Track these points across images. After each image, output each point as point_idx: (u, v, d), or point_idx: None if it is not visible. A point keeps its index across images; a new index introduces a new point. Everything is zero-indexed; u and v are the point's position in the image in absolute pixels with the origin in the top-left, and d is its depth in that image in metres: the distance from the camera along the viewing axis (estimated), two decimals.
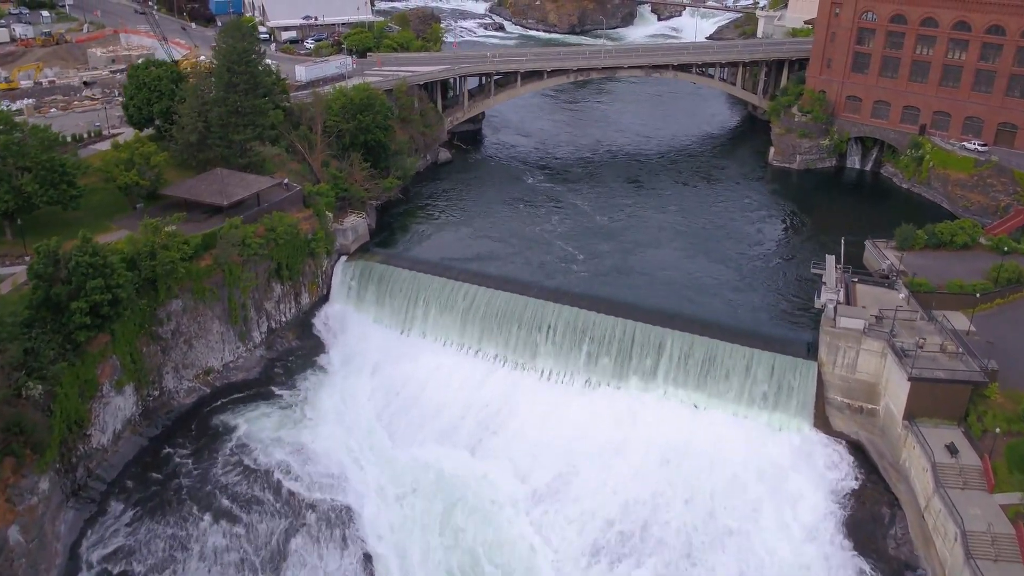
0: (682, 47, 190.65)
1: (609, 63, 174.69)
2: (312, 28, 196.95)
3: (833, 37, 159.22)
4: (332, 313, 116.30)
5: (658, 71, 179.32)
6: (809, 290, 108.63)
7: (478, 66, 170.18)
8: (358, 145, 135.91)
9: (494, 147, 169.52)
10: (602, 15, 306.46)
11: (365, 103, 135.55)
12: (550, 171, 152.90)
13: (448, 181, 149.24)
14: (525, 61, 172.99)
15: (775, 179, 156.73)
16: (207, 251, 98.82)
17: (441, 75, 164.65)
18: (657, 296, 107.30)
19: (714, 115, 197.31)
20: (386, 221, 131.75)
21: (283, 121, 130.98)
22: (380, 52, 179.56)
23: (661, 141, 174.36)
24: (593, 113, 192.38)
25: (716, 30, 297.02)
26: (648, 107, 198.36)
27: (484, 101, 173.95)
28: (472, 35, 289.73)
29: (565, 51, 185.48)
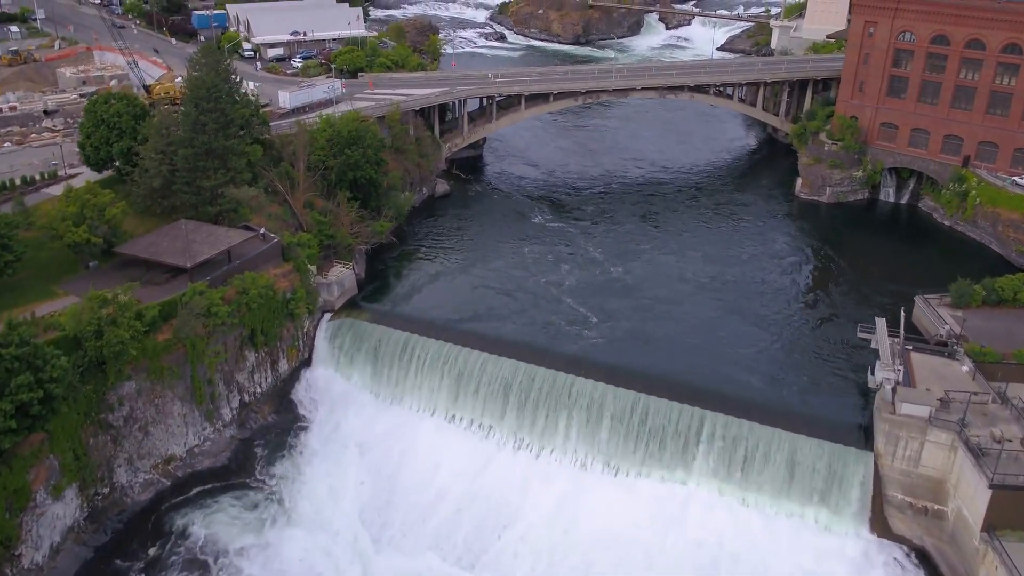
0: (698, 66, 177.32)
1: (620, 84, 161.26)
2: (301, 44, 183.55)
3: (866, 59, 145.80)
4: (314, 379, 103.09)
5: (673, 92, 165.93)
6: (857, 358, 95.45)
7: (479, 88, 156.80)
8: (346, 183, 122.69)
9: (496, 176, 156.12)
10: (607, 25, 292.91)
11: (354, 136, 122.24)
12: (557, 207, 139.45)
13: (446, 218, 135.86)
14: (529, 82, 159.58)
15: (803, 214, 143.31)
16: (167, 322, 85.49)
17: (439, 99, 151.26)
18: (683, 366, 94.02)
19: (731, 137, 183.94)
20: (377, 268, 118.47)
21: (262, 156, 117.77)
22: (373, 72, 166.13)
23: (677, 170, 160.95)
24: (602, 136, 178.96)
25: (727, 40, 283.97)
26: (660, 129, 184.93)
27: (485, 126, 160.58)
28: (472, 45, 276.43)
29: (572, 71, 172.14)
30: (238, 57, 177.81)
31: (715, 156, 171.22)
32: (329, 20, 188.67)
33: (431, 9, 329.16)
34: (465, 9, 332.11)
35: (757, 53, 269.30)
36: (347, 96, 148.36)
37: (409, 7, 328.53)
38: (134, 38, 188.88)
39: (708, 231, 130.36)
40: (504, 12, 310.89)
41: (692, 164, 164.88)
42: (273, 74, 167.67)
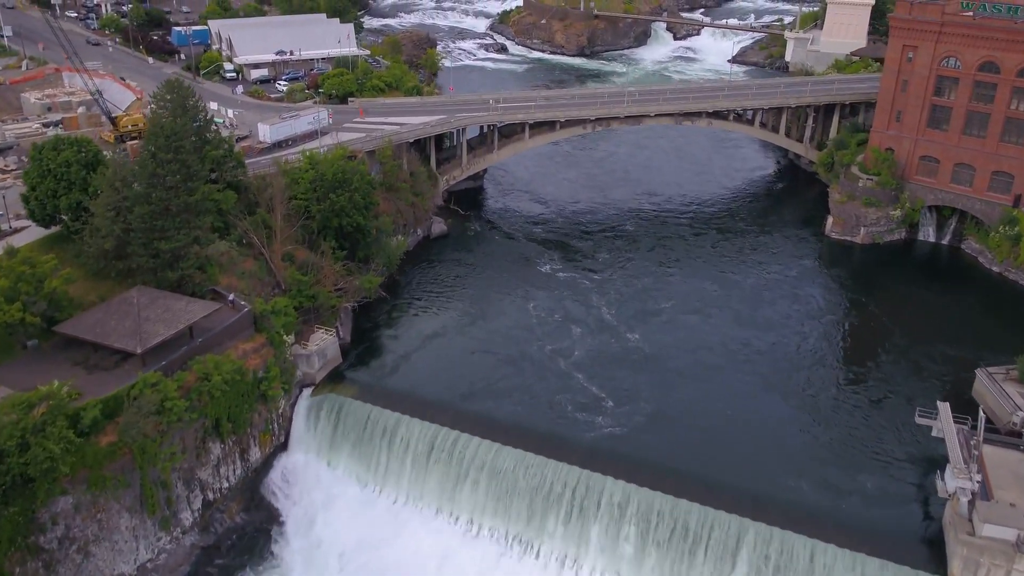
0: (716, 89, 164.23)
1: (633, 111, 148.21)
2: (287, 64, 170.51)
3: (905, 86, 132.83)
4: (291, 467, 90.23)
5: (689, 119, 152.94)
6: (918, 449, 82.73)
7: (479, 116, 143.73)
8: (331, 230, 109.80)
9: (498, 213, 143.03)
10: (613, 36, 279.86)
11: (340, 179, 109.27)
12: (565, 251, 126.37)
13: (443, 265, 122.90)
14: (534, 109, 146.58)
15: (836, 258, 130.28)
16: (112, 420, 72.55)
17: (435, 129, 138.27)
18: (716, 461, 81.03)
19: (751, 166, 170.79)
20: (365, 328, 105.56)
21: (237, 201, 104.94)
22: (364, 97, 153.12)
23: (695, 206, 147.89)
24: (612, 165, 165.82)
25: (739, 52, 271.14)
26: (675, 156, 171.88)
27: (486, 156, 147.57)
28: (472, 58, 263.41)
29: (580, 95, 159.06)
30: (219, 79, 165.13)
31: (735, 188, 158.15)
32: (318, 37, 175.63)
33: (429, 18, 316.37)
34: (464, 18, 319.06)
35: (771, 66, 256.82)
36: (335, 126, 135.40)
37: (406, 16, 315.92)
38: (108, 57, 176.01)
39: (734, 283, 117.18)
40: (505, 21, 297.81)
41: (711, 198, 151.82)
42: (256, 99, 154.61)
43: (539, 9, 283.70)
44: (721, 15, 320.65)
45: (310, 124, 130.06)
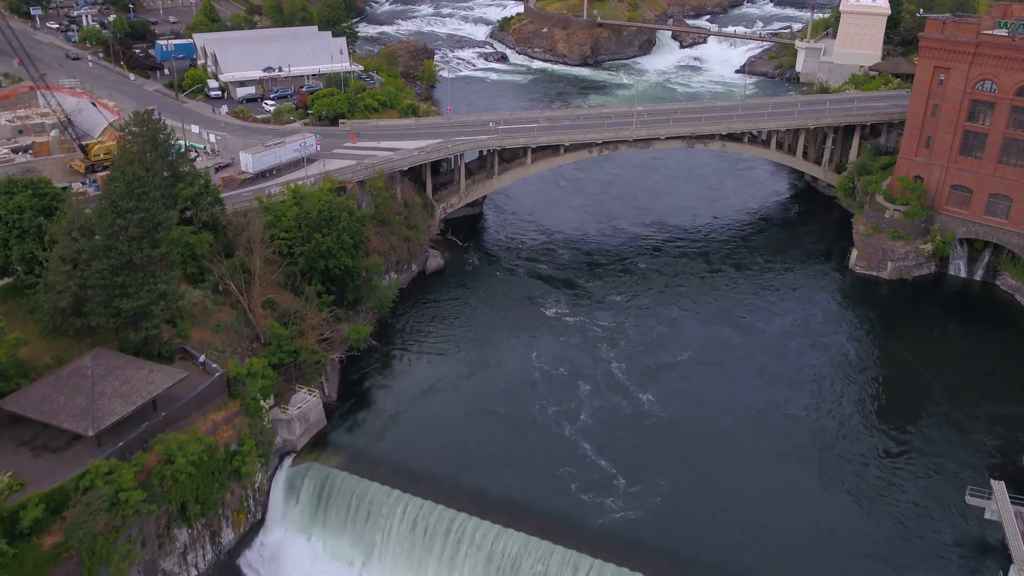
0: (729, 108, 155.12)
1: (641, 134, 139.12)
2: (275, 82, 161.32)
3: (935, 110, 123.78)
4: (269, 546, 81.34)
5: (702, 141, 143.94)
6: (969, 535, 73.68)
7: (478, 140, 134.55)
8: (317, 273, 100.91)
9: (498, 244, 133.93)
10: (617, 44, 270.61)
11: (326, 217, 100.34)
12: (571, 290, 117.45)
13: (438, 306, 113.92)
14: (536, 132, 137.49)
15: (861, 295, 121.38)
16: (58, 514, 63.53)
17: (431, 155, 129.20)
18: (744, 555, 72.00)
19: (766, 190, 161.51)
20: (352, 382, 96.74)
21: (214, 242, 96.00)
22: (355, 119, 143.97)
23: (708, 235, 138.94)
24: (620, 189, 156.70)
25: (747, 61, 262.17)
26: (685, 179, 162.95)
27: (486, 182, 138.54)
28: (471, 68, 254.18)
29: (586, 116, 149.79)
30: (203, 97, 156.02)
31: (750, 214, 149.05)
32: (308, 53, 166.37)
33: (427, 25, 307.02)
34: (463, 25, 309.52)
35: (781, 76, 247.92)
36: (322, 154, 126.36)
37: (404, 23, 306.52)
38: (87, 73, 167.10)
39: (754, 328, 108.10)
40: (505, 29, 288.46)
41: (725, 226, 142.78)
42: (241, 120, 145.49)
43: (540, 17, 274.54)
44: (727, 22, 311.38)
45: (296, 151, 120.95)
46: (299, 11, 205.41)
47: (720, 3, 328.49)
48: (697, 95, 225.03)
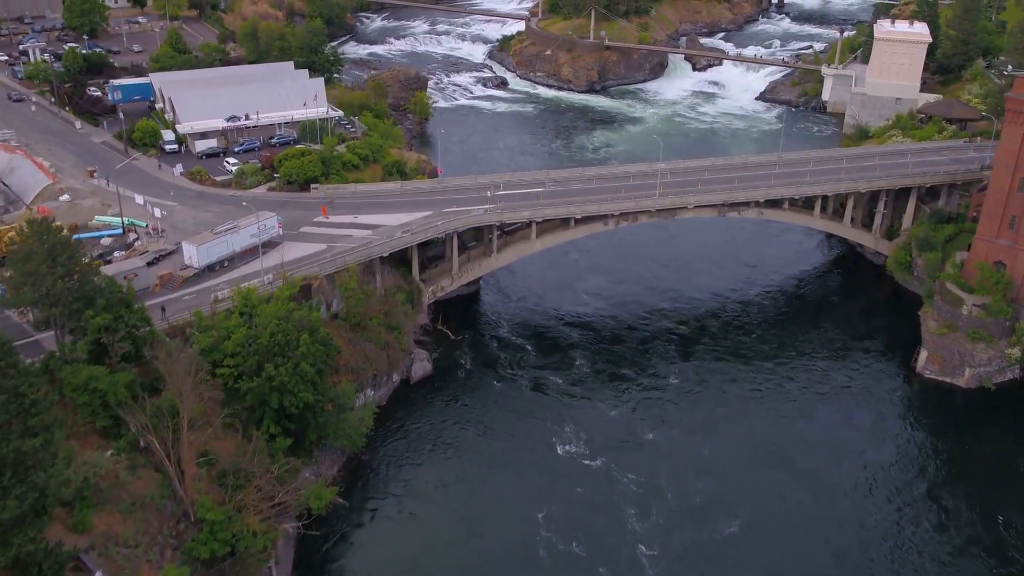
0: (765, 166, 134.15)
1: (666, 203, 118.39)
2: (241, 132, 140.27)
3: (1022, 184, 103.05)
4: None
5: (736, 209, 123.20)
6: None
7: (473, 215, 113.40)
8: (270, 412, 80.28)
9: (498, 337, 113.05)
10: (626, 68, 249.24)
11: (280, 342, 79.69)
12: (586, 413, 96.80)
13: (423, 433, 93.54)
14: (542, 203, 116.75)
15: (932, 408, 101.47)
16: None
17: (416, 237, 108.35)
18: None
19: (800, 252, 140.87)
20: (311, 556, 76.01)
21: (134, 379, 75.48)
22: (331, 182, 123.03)
23: (742, 320, 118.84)
24: (635, 254, 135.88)
25: (768, 87, 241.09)
26: (709, 238, 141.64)
27: (483, 261, 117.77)
28: (467, 95, 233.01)
29: (600, 176, 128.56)
30: (157, 153, 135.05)
31: (787, 289, 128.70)
32: (281, 96, 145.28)
33: (421, 44, 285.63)
34: (460, 44, 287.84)
35: (806, 105, 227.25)
36: (287, 234, 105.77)
37: (396, 42, 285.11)
38: (28, 119, 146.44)
39: (817, 476, 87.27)
40: (505, 49, 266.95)
41: (759, 307, 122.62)
42: (197, 182, 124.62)
43: (543, 38, 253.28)
44: (743, 40, 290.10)
45: (253, 237, 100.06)
46: (276, 40, 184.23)
47: (735, 20, 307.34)
48: (714, 129, 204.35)
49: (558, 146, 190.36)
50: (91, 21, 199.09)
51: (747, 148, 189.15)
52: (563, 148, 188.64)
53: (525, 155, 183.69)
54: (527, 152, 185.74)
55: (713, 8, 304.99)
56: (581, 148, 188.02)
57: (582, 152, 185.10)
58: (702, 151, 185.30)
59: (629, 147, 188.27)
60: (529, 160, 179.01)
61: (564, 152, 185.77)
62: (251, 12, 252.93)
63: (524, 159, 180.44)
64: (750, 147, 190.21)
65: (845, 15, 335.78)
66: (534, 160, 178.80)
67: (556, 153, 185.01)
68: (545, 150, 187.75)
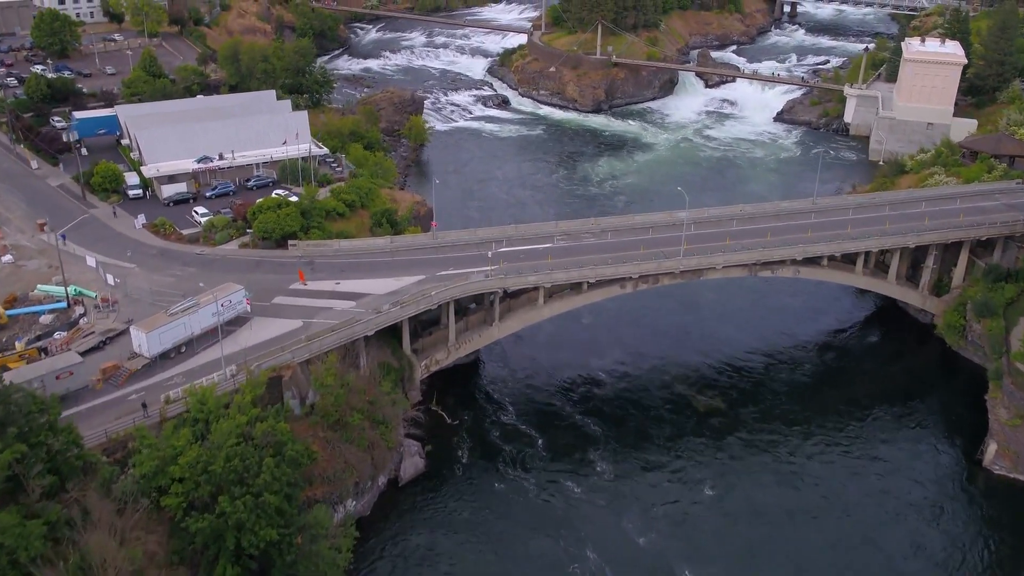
0: (799, 213, 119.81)
1: (691, 264, 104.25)
2: (215, 174, 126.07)
3: None
4: None
5: (768, 268, 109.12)
6: None
7: (472, 281, 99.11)
8: (226, 552, 66.11)
9: (501, 422, 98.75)
10: (635, 86, 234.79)
11: (239, 468, 65.62)
12: (606, 530, 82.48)
13: (410, 556, 79.19)
14: (551, 265, 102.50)
15: (1004, 513, 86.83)
16: None
17: (407, 310, 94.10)
18: None
19: (834, 300, 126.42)
20: None
21: (58, 518, 61.44)
22: (312, 238, 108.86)
23: (775, 392, 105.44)
24: (656, 312, 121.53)
25: (786, 106, 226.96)
26: (733, 288, 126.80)
27: (483, 331, 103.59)
28: (466, 116, 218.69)
29: (615, 227, 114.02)
30: (120, 199, 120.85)
31: (823, 354, 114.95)
32: (259, 132, 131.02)
33: (418, 58, 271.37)
34: (459, 57, 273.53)
35: (827, 127, 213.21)
36: (258, 307, 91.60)
37: (391, 56, 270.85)
38: None
39: None
40: (506, 64, 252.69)
41: (792, 374, 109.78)
42: (161, 237, 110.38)
43: (547, 54, 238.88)
44: (756, 53, 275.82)
45: (216, 316, 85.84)
46: (259, 62, 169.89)
47: (747, 32, 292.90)
48: (730, 158, 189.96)
49: (561, 177, 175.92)
50: (61, 40, 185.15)
51: (768, 180, 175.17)
52: (566, 180, 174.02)
53: (525, 188, 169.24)
54: (527, 184, 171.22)
55: (724, 20, 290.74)
56: (586, 180, 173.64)
57: (587, 185, 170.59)
58: (718, 183, 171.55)
59: (638, 180, 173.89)
60: (528, 195, 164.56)
61: (566, 185, 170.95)
62: (238, 26, 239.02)
63: (523, 193, 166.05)
64: (772, 179, 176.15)
65: (861, 26, 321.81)
66: (534, 195, 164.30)
67: (558, 186, 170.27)
68: (547, 181, 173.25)
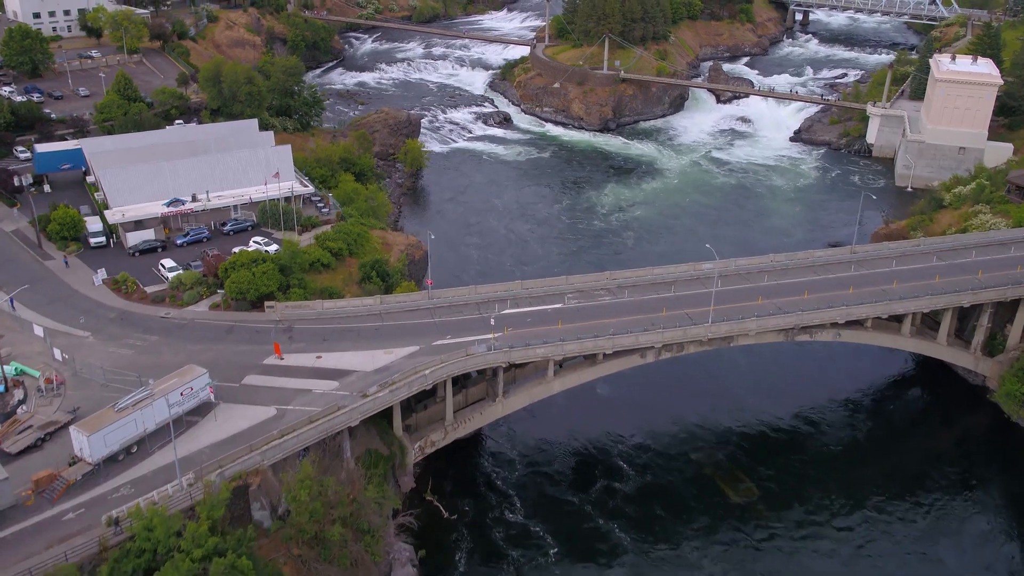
0: (836, 264, 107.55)
1: (721, 331, 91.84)
2: (188, 218, 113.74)
3: None
4: None
5: (807, 333, 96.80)
6: None
7: (473, 355, 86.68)
8: None
9: (506, 520, 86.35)
10: (644, 103, 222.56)
11: None
12: None
13: None
14: (562, 337, 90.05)
15: None
16: None
17: (398, 393, 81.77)
18: None
19: (873, 363, 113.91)
20: None
21: None
22: (291, 298, 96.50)
23: (816, 477, 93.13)
24: (682, 370, 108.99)
25: (803, 124, 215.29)
26: (765, 358, 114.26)
27: (485, 409, 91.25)
28: (465, 136, 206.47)
29: (633, 283, 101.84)
30: (80, 247, 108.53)
31: (866, 418, 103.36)
32: (237, 169, 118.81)
33: (416, 70, 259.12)
34: (459, 70, 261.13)
35: (848, 148, 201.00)
36: (224, 391, 79.26)
37: (388, 68, 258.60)
38: None
39: None
40: (508, 78, 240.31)
41: (836, 450, 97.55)
42: (122, 295, 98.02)
43: (551, 69, 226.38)
44: (769, 66, 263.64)
45: (175, 407, 73.52)
46: (243, 84, 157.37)
47: (759, 43, 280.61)
48: (747, 185, 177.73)
49: (564, 208, 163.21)
50: (32, 59, 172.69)
51: (791, 213, 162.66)
52: (570, 211, 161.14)
53: (526, 220, 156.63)
54: (528, 215, 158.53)
55: (735, 30, 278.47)
56: (591, 211, 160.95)
57: (592, 217, 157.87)
58: (736, 216, 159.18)
59: (648, 211, 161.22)
60: (530, 230, 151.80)
61: (570, 218, 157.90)
62: (226, 39, 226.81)
63: (524, 227, 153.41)
64: (794, 211, 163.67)
65: (876, 35, 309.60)
66: (536, 231, 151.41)
67: (560, 219, 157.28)
68: (549, 213, 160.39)
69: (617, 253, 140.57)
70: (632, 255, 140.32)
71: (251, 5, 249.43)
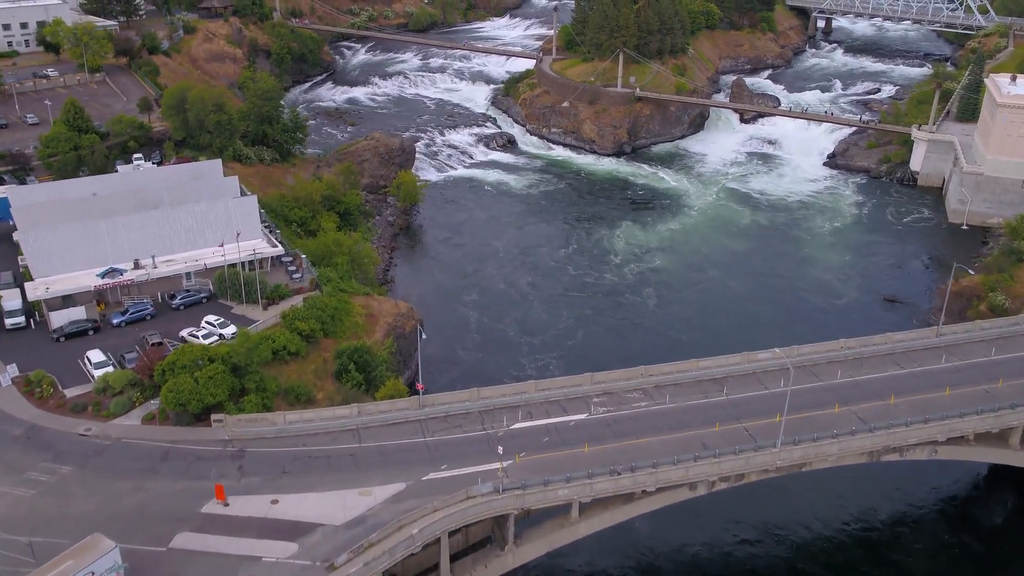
0: (920, 354, 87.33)
1: (796, 457, 71.71)
2: (127, 291, 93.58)
3: None
4: None
5: (896, 452, 76.71)
6: None
7: (475, 500, 66.79)
8: None
9: None
10: (661, 123, 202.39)
11: None
12: None
13: None
14: (591, 475, 69.86)
15: None
16: None
17: (377, 564, 61.71)
18: None
19: (930, 478, 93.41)
20: None
21: None
22: (246, 408, 76.40)
23: None
24: (734, 509, 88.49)
25: (837, 147, 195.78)
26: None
27: (491, 561, 71.11)
28: (466, 162, 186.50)
29: (676, 380, 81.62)
30: None
31: (952, 542, 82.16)
32: (191, 227, 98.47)
33: (412, 84, 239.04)
34: (458, 84, 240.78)
35: (890, 176, 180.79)
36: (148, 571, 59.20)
37: (381, 82, 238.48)
38: None
39: None
40: (512, 94, 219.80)
41: None
42: (35, 403, 77.87)
43: (559, 86, 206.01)
44: (795, 80, 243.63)
45: None
46: (210, 113, 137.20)
47: (782, 54, 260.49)
48: (780, 224, 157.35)
49: (572, 253, 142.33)
50: None
51: (840, 262, 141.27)
52: (579, 260, 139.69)
53: (529, 271, 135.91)
54: (531, 266, 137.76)
55: (757, 41, 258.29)
56: (604, 260, 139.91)
57: (604, 268, 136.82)
58: (774, 267, 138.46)
59: (669, 261, 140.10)
60: (533, 285, 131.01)
61: (577, 269, 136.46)
62: (204, 52, 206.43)
63: (526, 280, 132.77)
64: (844, 259, 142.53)
65: (904, 44, 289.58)
66: (540, 286, 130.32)
67: (567, 272, 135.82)
68: (556, 262, 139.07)
69: (638, 321, 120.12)
70: (655, 321, 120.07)
71: (233, 14, 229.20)
